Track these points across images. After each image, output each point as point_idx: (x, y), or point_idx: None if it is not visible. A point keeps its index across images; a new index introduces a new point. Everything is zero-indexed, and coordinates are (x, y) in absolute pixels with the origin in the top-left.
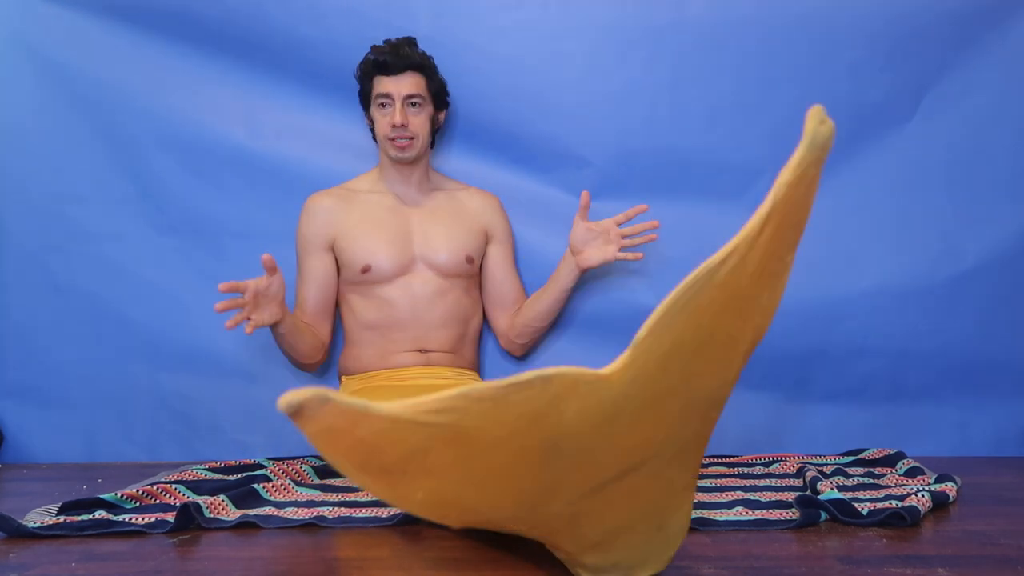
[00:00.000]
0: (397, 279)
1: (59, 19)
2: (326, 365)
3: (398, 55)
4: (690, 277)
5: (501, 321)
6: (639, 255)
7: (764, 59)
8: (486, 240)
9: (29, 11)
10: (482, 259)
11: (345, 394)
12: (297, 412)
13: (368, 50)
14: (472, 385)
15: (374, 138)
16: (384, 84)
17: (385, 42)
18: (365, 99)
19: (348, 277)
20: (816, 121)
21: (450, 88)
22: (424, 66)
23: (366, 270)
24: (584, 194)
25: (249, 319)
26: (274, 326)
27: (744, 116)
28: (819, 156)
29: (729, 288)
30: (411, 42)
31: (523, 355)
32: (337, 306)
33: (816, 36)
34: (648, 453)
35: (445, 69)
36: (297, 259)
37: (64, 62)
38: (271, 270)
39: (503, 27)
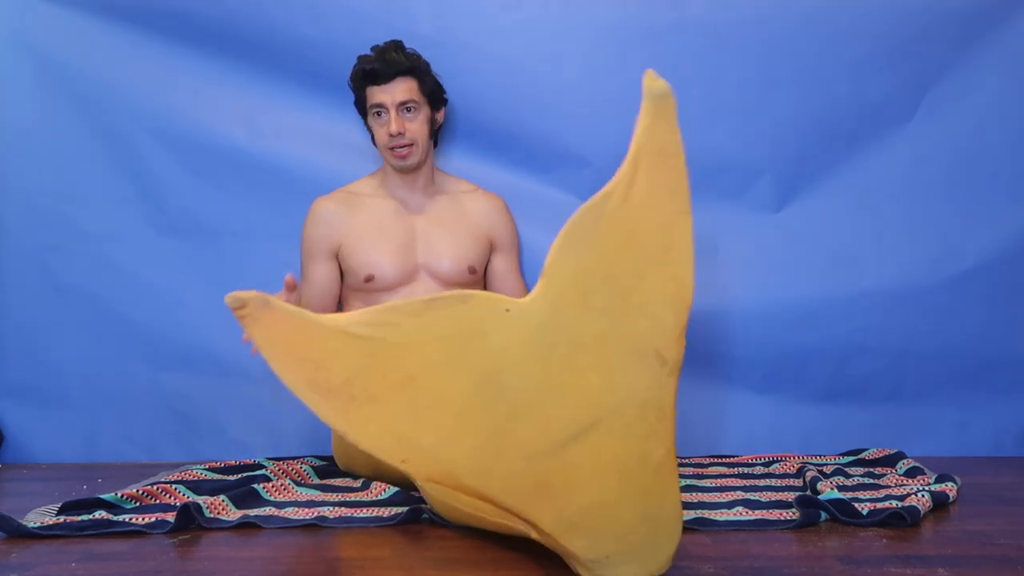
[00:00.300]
0: (400, 288)
1: (59, 19)
2: None
3: (386, 62)
4: (581, 209)
5: None
6: None
7: (764, 59)
8: (490, 248)
9: (29, 11)
10: (486, 266)
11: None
12: (241, 307)
13: (368, 52)
14: (400, 299)
15: (375, 144)
16: (376, 94)
17: (373, 49)
18: (361, 108)
19: (351, 284)
20: (650, 79)
21: (450, 88)
22: (415, 69)
23: (369, 279)
24: None
25: None
26: None
27: (744, 116)
28: (660, 105)
29: (623, 226)
30: (398, 46)
31: None
32: (340, 308)
33: (816, 36)
34: (599, 408)
35: (445, 70)
36: (301, 261)
37: (64, 62)
38: (291, 288)
39: (503, 27)
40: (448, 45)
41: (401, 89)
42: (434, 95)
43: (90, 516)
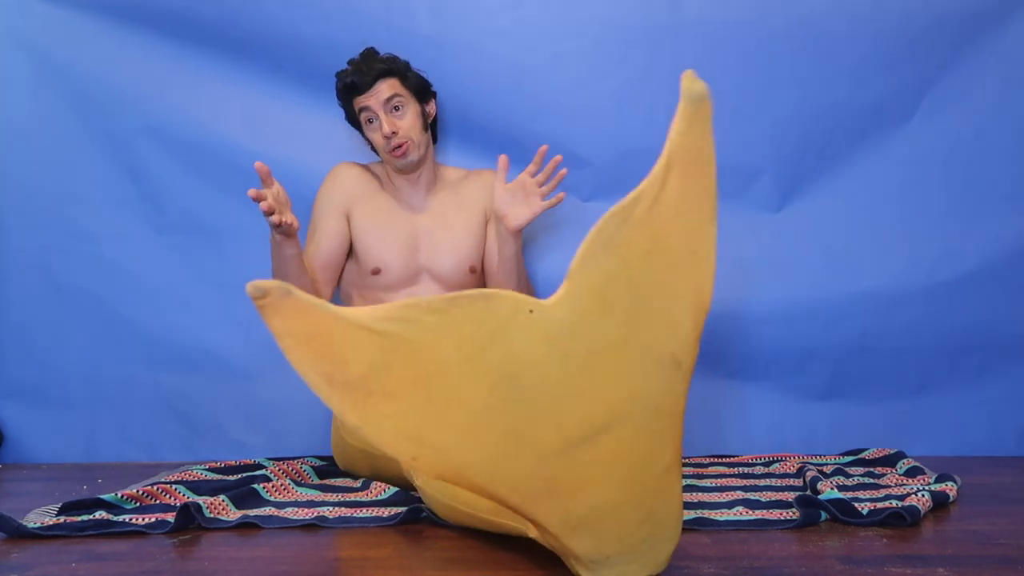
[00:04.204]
0: (402, 289)
1: (58, 19)
2: None
3: (362, 72)
4: (608, 213)
5: None
6: (560, 196)
7: (764, 59)
8: (486, 227)
9: (28, 10)
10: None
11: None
12: (262, 296)
13: (341, 69)
14: (421, 296)
15: (376, 153)
16: (361, 101)
17: (349, 63)
18: (353, 120)
19: (357, 277)
20: (689, 80)
21: (449, 88)
22: (392, 69)
23: (376, 272)
24: (502, 158)
25: (288, 218)
26: (291, 240)
27: (744, 116)
28: (698, 108)
29: (650, 231)
30: (372, 54)
31: None
32: (340, 302)
33: (816, 36)
34: (614, 412)
35: (444, 69)
36: (312, 219)
37: (63, 62)
38: (267, 176)
39: (503, 27)
40: (447, 44)
41: (384, 89)
42: (420, 89)
43: (90, 516)
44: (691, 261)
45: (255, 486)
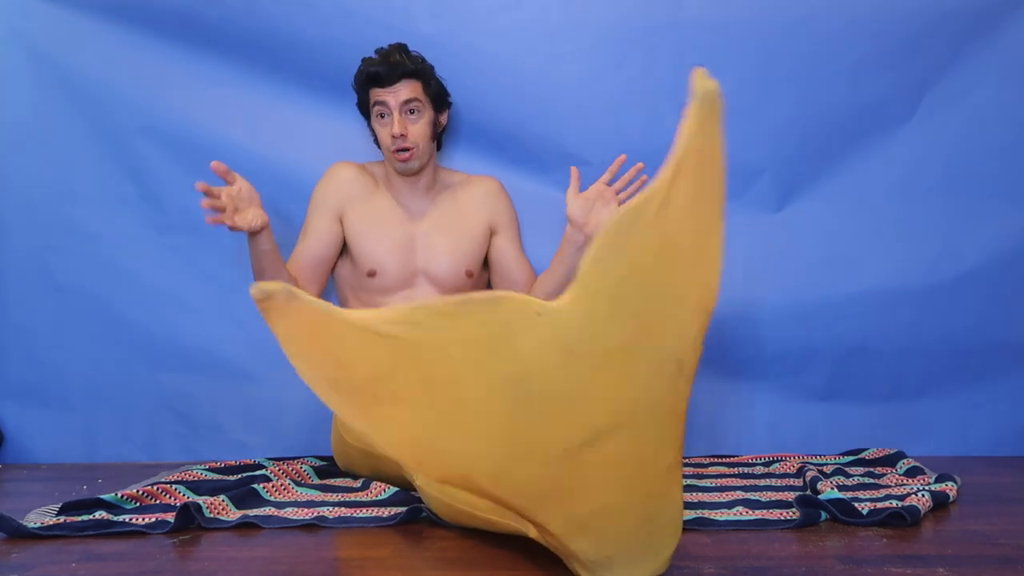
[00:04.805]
0: (399, 292)
1: (58, 19)
2: None
3: (390, 65)
4: (617, 215)
5: None
6: (636, 189)
7: (764, 59)
8: (489, 235)
9: (28, 11)
10: (487, 251)
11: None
12: (267, 299)
13: (367, 52)
14: (429, 299)
15: (378, 146)
16: (380, 94)
17: (377, 51)
18: (364, 109)
19: (354, 279)
20: (700, 79)
21: (449, 89)
22: (419, 72)
23: (372, 274)
24: (574, 169)
25: (231, 222)
26: (258, 237)
27: (744, 116)
28: (709, 108)
29: (660, 233)
30: (402, 49)
31: None
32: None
33: (815, 36)
34: (619, 414)
35: (444, 70)
36: (305, 218)
37: (63, 62)
38: (225, 174)
39: (502, 28)
40: (447, 45)
41: (405, 90)
42: (438, 97)
43: (90, 516)
44: (699, 262)
45: (255, 486)
